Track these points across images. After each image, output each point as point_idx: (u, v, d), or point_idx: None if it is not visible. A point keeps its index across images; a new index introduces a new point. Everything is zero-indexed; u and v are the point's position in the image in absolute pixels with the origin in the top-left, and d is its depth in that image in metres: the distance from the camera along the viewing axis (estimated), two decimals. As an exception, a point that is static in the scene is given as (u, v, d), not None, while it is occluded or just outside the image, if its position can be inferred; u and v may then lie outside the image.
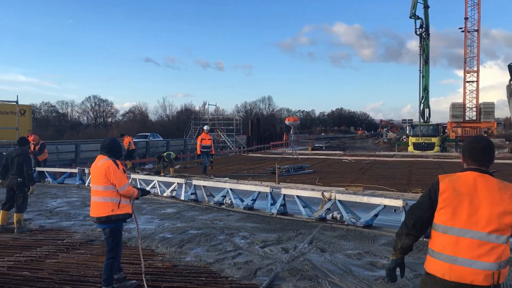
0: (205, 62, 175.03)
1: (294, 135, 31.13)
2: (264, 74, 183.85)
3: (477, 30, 64.69)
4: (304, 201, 9.50)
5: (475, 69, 66.39)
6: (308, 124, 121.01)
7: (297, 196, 9.58)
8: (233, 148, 39.78)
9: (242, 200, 10.59)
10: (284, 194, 9.74)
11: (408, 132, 43.58)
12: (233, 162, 25.34)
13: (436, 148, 38.26)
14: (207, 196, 11.46)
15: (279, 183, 14.12)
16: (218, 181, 13.63)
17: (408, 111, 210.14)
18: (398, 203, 7.80)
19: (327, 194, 9.00)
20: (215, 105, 67.61)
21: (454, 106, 67.80)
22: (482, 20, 67.80)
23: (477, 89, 66.51)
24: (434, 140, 38.94)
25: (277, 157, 26.64)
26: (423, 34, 40.09)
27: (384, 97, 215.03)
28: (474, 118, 67.00)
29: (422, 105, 41.97)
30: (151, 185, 13.07)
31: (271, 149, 40.35)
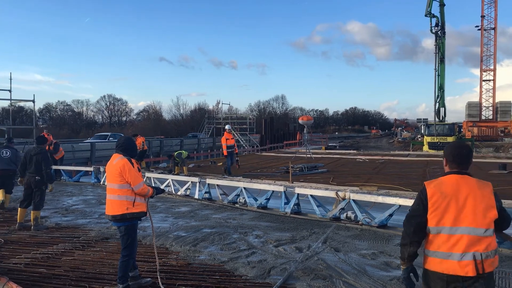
0: (219, 61, 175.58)
1: (308, 134, 31.00)
2: (278, 73, 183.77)
3: (494, 28, 63.80)
4: (318, 201, 9.47)
5: (492, 67, 65.48)
6: (322, 123, 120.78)
7: (311, 196, 9.56)
8: (246, 147, 39.81)
9: (256, 199, 10.59)
10: (298, 193, 9.72)
11: (423, 131, 43.14)
12: (246, 161, 25.34)
13: (452, 148, 37.79)
14: (220, 195, 11.50)
15: (292, 182, 14.09)
16: (231, 180, 13.64)
17: (423, 110, 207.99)
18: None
19: (341, 194, 8.96)
20: (229, 104, 67.91)
21: (470, 105, 66.97)
22: (499, 18, 66.84)
23: (494, 88, 65.57)
24: (450, 139, 38.49)
25: (291, 156, 26.61)
26: (439, 32, 39.65)
27: (399, 96, 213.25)
28: (491, 117, 66.11)
29: (437, 104, 41.53)
30: (165, 183, 13.15)
31: (285, 148, 40.27)
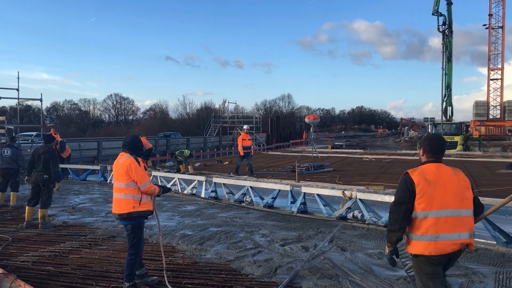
0: (225, 60, 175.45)
1: (314, 133, 30.97)
2: (284, 72, 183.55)
3: (501, 27, 63.33)
4: (324, 200, 9.45)
5: (500, 66, 65.01)
6: (328, 122, 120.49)
7: (318, 195, 9.53)
8: (252, 146, 39.81)
9: (262, 198, 10.58)
10: (305, 193, 9.70)
11: (430, 130, 42.93)
12: (252, 160, 25.31)
13: (459, 147, 37.63)
14: (227, 194, 11.50)
15: (299, 182, 14.06)
16: (238, 179, 13.63)
17: (429, 109, 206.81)
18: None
19: (347, 193, 8.93)
20: (235, 103, 68.00)
21: (478, 104, 66.56)
22: (507, 17, 66.33)
23: (502, 87, 65.13)
24: (457, 139, 38.30)
25: (297, 155, 26.56)
26: (446, 31, 39.40)
27: (406, 95, 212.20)
28: (498, 116, 65.67)
29: (444, 103, 41.28)
30: (171, 182, 13.18)
31: (291, 147, 40.22)
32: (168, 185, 12.77)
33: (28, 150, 18.77)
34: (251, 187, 10.93)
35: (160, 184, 12.09)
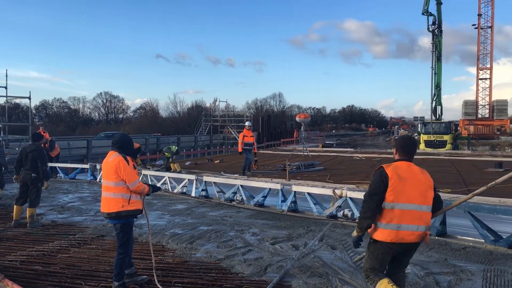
0: (216, 59, 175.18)
1: (305, 132, 31.01)
2: (275, 70, 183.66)
3: (490, 27, 63.83)
4: (314, 198, 9.46)
5: (488, 66, 65.54)
6: (319, 121, 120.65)
7: (308, 193, 9.55)
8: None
9: (253, 197, 10.58)
10: (295, 191, 9.71)
11: (419, 129, 43.20)
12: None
13: (448, 146, 37.93)
14: (217, 192, 11.48)
15: (289, 180, 14.09)
16: (228, 177, 13.63)
17: (419, 108, 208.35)
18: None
19: (338, 192, 8.96)
20: (226, 102, 67.92)
21: (467, 104, 67.08)
22: (495, 17, 66.82)
23: (490, 87, 65.67)
24: (446, 137, 38.61)
25: (288, 154, 26.60)
26: (436, 30, 39.67)
27: (396, 94, 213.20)
28: (487, 115, 66.24)
29: (434, 102, 41.56)
30: (162, 181, 13.13)
31: (282, 146, 40.30)
32: (158, 184, 12.75)
33: (16, 149, 18.60)
34: (241, 185, 10.92)
35: (150, 183, 12.07)
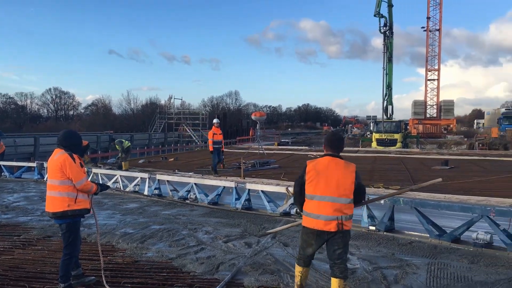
0: (171, 55, 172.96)
1: (261, 130, 31.18)
2: (232, 68, 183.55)
3: (438, 30, 66.31)
4: (268, 196, 9.51)
5: (436, 67, 68.08)
6: (275, 120, 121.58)
7: (262, 191, 9.58)
8: (199, 143, 39.52)
9: (207, 195, 10.52)
10: (249, 189, 9.73)
11: (372, 128, 44.37)
12: (198, 157, 25.17)
13: (398, 144, 39.11)
14: (171, 191, 11.33)
15: (244, 178, 14.11)
16: (183, 176, 13.49)
17: (372, 107, 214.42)
18: (360, 197, 7.90)
19: (291, 189, 9.03)
20: (181, 99, 67.04)
21: (416, 104, 69.43)
22: (443, 20, 69.60)
23: (438, 87, 68.26)
24: (397, 136, 39.78)
25: (243, 152, 26.63)
26: (387, 32, 40.80)
27: (350, 94, 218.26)
28: (435, 115, 68.78)
29: (385, 102, 42.76)
30: (113, 179, 12.82)
31: (237, 144, 40.30)
32: (109, 183, 12.44)
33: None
34: (195, 184, 10.82)
35: (100, 181, 11.76)
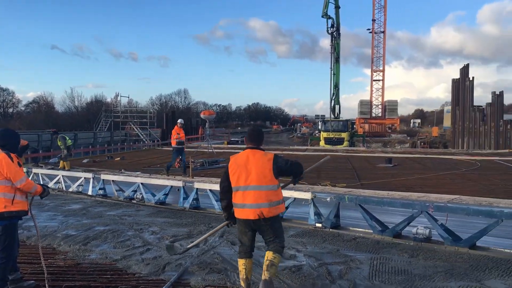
0: (118, 52, 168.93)
1: (210, 129, 31.04)
2: (180, 66, 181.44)
3: (383, 32, 68.62)
4: (217, 195, 9.44)
5: (381, 68, 70.46)
6: (225, 118, 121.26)
7: (210, 190, 9.54)
8: (146, 142, 38.79)
9: (154, 195, 10.35)
10: (197, 188, 9.66)
11: (320, 127, 45.24)
12: (146, 156, 24.74)
13: (345, 143, 40.13)
14: (116, 191, 11.05)
15: (193, 177, 14.00)
16: (129, 175, 13.20)
17: (321, 107, 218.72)
18: (307, 195, 8.04)
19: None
20: (128, 97, 65.65)
21: (362, 103, 71.53)
22: (388, 23, 72.16)
23: (383, 88, 70.68)
24: (344, 135, 40.80)
25: (192, 151, 26.43)
26: (334, 33, 41.77)
27: (299, 93, 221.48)
28: (380, 114, 71.09)
29: (333, 101, 43.77)
30: (55, 180, 12.35)
31: (187, 143, 39.89)
32: (51, 183, 11.99)
33: None
34: (142, 183, 10.62)
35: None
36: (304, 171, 5.06)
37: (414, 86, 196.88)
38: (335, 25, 41.40)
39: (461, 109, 40.51)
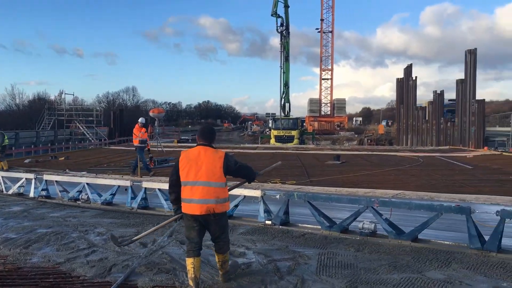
0: (61, 48, 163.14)
1: (160, 127, 30.53)
2: (129, 63, 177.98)
3: (331, 31, 70.04)
4: (166, 194, 9.31)
5: (330, 67, 71.90)
6: (175, 117, 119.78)
7: (159, 189, 9.37)
8: (93, 141, 37.66)
9: (100, 195, 10.05)
10: (146, 188, 9.47)
11: (270, 125, 45.63)
12: (92, 156, 24.04)
13: (296, 141, 40.71)
14: (60, 192, 10.64)
15: (141, 177, 13.74)
16: (74, 175, 12.76)
17: (271, 105, 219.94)
18: (257, 193, 8.06)
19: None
20: (73, 95, 63.41)
21: (312, 102, 72.74)
22: (336, 23, 73.81)
23: (331, 86, 72.17)
24: (294, 133, 41.39)
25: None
26: (284, 32, 42.23)
27: (250, 91, 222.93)
28: (329, 113, 72.57)
29: (283, 99, 44.26)
30: (-7, 181, 11.74)
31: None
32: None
33: None
34: (88, 183, 10.28)
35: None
36: (256, 175, 5.22)
37: (362, 85, 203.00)
38: (284, 24, 41.85)
39: (405, 108, 42.06)
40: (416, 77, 41.35)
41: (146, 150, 16.02)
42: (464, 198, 10.17)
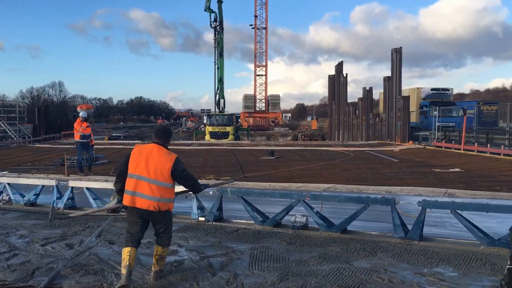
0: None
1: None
2: (54, 57, 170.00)
3: (265, 28, 70.76)
4: (94, 193, 8.96)
5: (264, 64, 72.64)
6: (106, 113, 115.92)
7: (87, 188, 9.00)
8: (16, 139, 35.54)
9: (23, 196, 9.48)
10: (72, 187, 9.05)
11: (205, 121, 45.36)
12: (15, 154, 22.70)
13: (230, 137, 40.78)
14: (-22, 193, 9.93)
15: (69, 175, 13.17)
16: (-6, 175, 11.95)
17: (206, 101, 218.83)
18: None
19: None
20: (-6, 90, 59.59)
21: (246, 98, 73.18)
22: (270, 19, 74.69)
23: (266, 82, 73.01)
24: (229, 129, 41.43)
25: (68, 148, 24.78)
26: (218, 27, 42.07)
27: (185, 87, 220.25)
28: (263, 109, 73.32)
29: (217, 95, 44.15)
30: None
31: (62, 139, 37.48)
32: None
33: None
34: (9, 183, 9.67)
35: None
36: (202, 188, 5.31)
37: (296, 81, 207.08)
38: (218, 20, 41.71)
39: (337, 104, 43.40)
40: (347, 74, 42.86)
41: (91, 146, 15.15)
42: (390, 190, 10.66)
